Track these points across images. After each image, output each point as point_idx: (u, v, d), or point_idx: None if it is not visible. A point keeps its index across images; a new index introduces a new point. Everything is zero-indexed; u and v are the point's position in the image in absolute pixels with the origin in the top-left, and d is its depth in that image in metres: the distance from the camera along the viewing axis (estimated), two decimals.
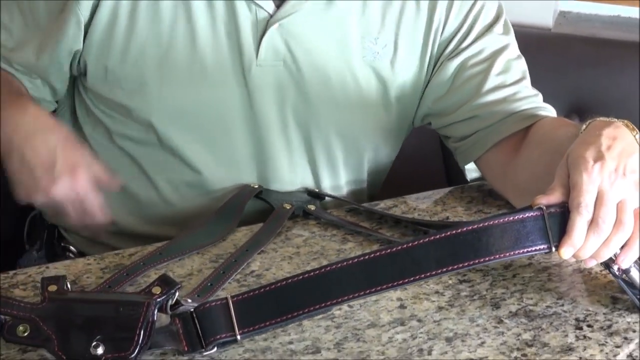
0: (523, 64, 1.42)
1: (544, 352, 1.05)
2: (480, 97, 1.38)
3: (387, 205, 1.39)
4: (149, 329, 0.98)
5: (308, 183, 1.43)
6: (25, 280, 1.17)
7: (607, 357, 1.04)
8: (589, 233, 1.05)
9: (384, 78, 1.40)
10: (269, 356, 1.03)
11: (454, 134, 1.43)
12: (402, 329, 1.08)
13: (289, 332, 1.07)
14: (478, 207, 1.39)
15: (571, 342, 1.07)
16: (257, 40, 1.33)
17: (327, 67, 1.36)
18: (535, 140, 1.33)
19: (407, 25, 1.39)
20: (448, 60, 1.40)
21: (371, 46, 1.38)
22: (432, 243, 1.00)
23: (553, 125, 1.33)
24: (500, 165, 1.37)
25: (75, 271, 1.19)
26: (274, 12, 1.33)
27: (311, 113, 1.38)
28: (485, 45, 1.40)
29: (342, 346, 1.05)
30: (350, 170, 1.46)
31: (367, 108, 1.41)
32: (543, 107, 1.38)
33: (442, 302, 1.14)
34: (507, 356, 1.04)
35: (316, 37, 1.35)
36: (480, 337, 1.07)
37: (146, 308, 0.99)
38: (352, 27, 1.37)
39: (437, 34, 1.40)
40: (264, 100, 1.36)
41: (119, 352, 0.97)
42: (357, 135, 1.43)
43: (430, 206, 1.40)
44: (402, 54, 1.40)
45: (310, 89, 1.37)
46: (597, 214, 1.05)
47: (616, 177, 1.07)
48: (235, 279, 1.18)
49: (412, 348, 1.05)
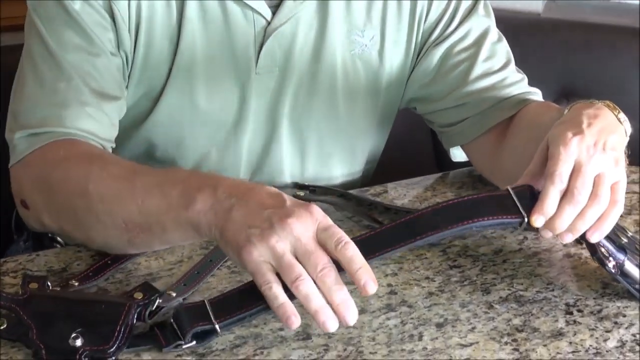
0: (505, 45, 1.42)
1: (534, 337, 1.05)
2: (468, 84, 1.38)
3: (377, 191, 1.39)
4: (127, 331, 1.00)
5: (301, 180, 1.43)
6: (15, 268, 1.17)
7: (597, 342, 1.04)
8: (563, 203, 1.05)
9: (373, 69, 1.40)
10: (260, 343, 1.03)
11: (440, 120, 1.43)
12: (393, 315, 1.09)
13: None
14: (468, 192, 1.39)
15: (561, 327, 1.07)
16: (256, 51, 1.33)
17: (318, 66, 1.37)
18: (521, 127, 1.33)
19: (392, 15, 1.39)
20: (434, 47, 1.40)
21: (358, 39, 1.38)
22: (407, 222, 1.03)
23: (537, 112, 1.33)
24: (487, 151, 1.38)
25: (65, 259, 1.19)
26: (271, 18, 1.33)
27: (303, 113, 1.39)
28: (470, 28, 1.40)
29: (333, 332, 1.05)
30: (344, 164, 1.46)
31: (358, 101, 1.41)
32: (529, 91, 1.38)
33: (433, 288, 1.14)
34: (497, 341, 1.04)
35: (307, 37, 1.35)
36: (471, 322, 1.08)
37: (127, 309, 1.01)
38: (338, 23, 1.36)
39: (421, 20, 1.39)
40: (258, 105, 1.36)
41: (97, 346, 0.98)
42: (349, 129, 1.43)
43: (421, 192, 1.40)
44: (389, 44, 1.40)
45: (302, 90, 1.37)
46: (572, 184, 1.05)
47: (595, 151, 1.07)
48: (226, 265, 1.17)
49: (402, 334, 1.05)
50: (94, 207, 1.11)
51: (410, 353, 1.02)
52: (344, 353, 1.02)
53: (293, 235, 0.97)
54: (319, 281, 0.97)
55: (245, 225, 0.99)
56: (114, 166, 1.14)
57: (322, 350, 1.02)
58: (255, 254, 0.97)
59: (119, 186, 1.10)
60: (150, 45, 1.30)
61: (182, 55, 1.31)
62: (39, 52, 1.26)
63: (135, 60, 1.31)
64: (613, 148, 1.09)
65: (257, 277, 0.98)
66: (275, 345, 1.03)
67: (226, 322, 1.00)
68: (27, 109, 1.24)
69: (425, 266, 1.19)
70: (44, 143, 1.20)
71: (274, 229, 0.97)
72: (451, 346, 1.03)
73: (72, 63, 1.25)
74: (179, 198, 1.04)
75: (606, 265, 1.09)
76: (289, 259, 0.97)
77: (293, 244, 0.97)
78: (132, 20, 1.28)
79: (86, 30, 1.26)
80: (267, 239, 0.97)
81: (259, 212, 0.99)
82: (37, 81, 1.25)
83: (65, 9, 1.25)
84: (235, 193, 1.01)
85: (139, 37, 1.29)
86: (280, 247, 0.97)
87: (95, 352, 0.97)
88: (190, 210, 1.02)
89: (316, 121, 1.40)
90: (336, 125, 1.42)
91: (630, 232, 1.17)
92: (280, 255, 0.97)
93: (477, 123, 1.38)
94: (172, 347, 1.01)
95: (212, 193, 1.02)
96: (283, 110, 1.37)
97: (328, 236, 0.98)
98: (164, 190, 1.06)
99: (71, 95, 1.23)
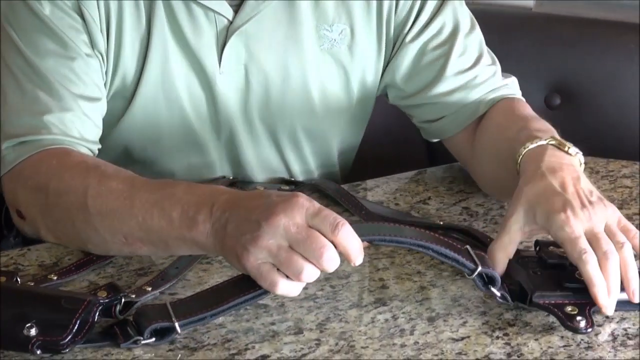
0: (477, 34, 1.42)
1: (526, 332, 1.05)
2: (440, 83, 1.39)
3: (369, 185, 1.39)
4: (87, 327, 1.00)
5: (280, 174, 1.44)
6: (6, 263, 1.17)
7: (589, 336, 1.04)
8: (605, 270, 1.06)
9: (342, 63, 1.40)
10: (252, 337, 1.03)
11: (416, 116, 1.45)
12: (384, 309, 1.09)
13: (271, 312, 1.07)
14: (460, 187, 1.39)
15: (553, 321, 1.07)
16: (219, 51, 1.33)
17: (286, 62, 1.37)
18: (487, 132, 1.34)
19: (360, 9, 1.38)
20: (409, 43, 1.40)
21: (327, 34, 1.38)
22: None
23: (500, 123, 1.33)
24: (462, 147, 1.40)
25: (57, 253, 1.19)
26: (233, 17, 1.33)
27: (275, 109, 1.39)
28: (443, 23, 1.40)
29: (325, 327, 1.05)
30: (319, 156, 1.47)
31: (329, 96, 1.41)
32: (500, 86, 1.39)
33: (424, 282, 1.14)
34: (489, 336, 1.04)
35: (274, 35, 1.35)
36: (462, 316, 1.08)
37: (86, 304, 1.00)
38: (306, 19, 1.36)
39: (390, 14, 1.39)
40: (228, 103, 1.36)
41: (50, 336, 0.98)
42: (322, 123, 1.43)
43: (412, 186, 1.40)
44: (359, 39, 1.39)
45: (272, 87, 1.37)
46: (599, 251, 1.07)
47: (586, 209, 1.09)
48: (217, 259, 1.17)
49: (394, 328, 1.05)
50: (92, 221, 1.12)
51: (402, 347, 1.02)
52: (336, 347, 1.02)
53: (283, 229, 0.98)
54: (320, 265, 0.98)
55: (239, 234, 1.00)
56: (112, 181, 1.14)
57: (313, 344, 1.02)
58: (252, 259, 0.98)
59: (117, 203, 1.11)
60: (120, 45, 1.31)
61: (153, 55, 1.31)
62: (15, 62, 1.26)
63: (108, 60, 1.31)
64: (590, 193, 1.12)
65: (261, 282, 0.99)
66: (267, 340, 1.03)
67: (186, 321, 1.01)
68: (11, 118, 1.24)
69: (417, 260, 1.19)
70: (33, 152, 1.20)
71: (263, 229, 0.98)
72: (443, 340, 1.03)
73: (50, 69, 1.25)
74: (180, 220, 1.05)
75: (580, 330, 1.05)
76: (286, 254, 0.98)
77: (286, 238, 0.98)
78: (102, 19, 1.29)
79: (59, 34, 1.26)
80: (259, 242, 0.98)
81: (248, 218, 1.00)
82: (17, 91, 1.25)
83: (36, 15, 1.26)
84: (228, 207, 1.03)
85: (110, 37, 1.30)
86: (274, 246, 0.98)
87: (48, 343, 0.98)
88: (193, 231, 1.04)
89: (290, 117, 1.40)
90: (310, 120, 1.42)
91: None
92: (276, 252, 0.98)
93: (453, 122, 1.39)
94: (130, 343, 1.01)
95: (209, 213, 1.04)
96: (254, 107, 1.38)
97: (320, 220, 0.99)
98: (164, 210, 1.07)
99: (53, 102, 1.24)
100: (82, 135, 1.24)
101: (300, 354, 1.01)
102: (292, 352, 1.01)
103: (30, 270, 1.15)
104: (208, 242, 1.04)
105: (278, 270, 0.98)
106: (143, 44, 1.31)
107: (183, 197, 1.07)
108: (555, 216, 1.09)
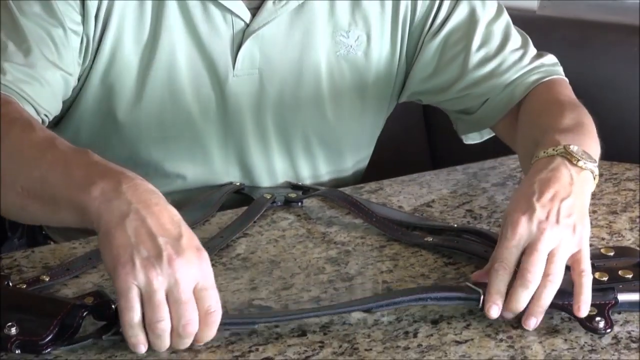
0: (504, 19, 1.43)
1: (529, 335, 1.05)
2: (466, 75, 1.39)
3: (372, 188, 1.39)
4: (70, 331, 1.00)
5: (287, 178, 1.44)
6: (10, 265, 1.17)
7: (593, 339, 1.04)
8: (516, 285, 1.05)
9: (359, 70, 1.40)
10: (255, 339, 1.03)
11: (452, 108, 1.46)
12: (388, 312, 1.08)
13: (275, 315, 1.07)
14: (463, 189, 1.39)
15: (556, 324, 1.07)
16: (234, 53, 1.33)
17: (301, 68, 1.37)
18: (521, 124, 1.34)
19: (376, 15, 1.39)
20: (430, 40, 1.41)
21: (343, 40, 1.39)
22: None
23: (532, 113, 1.33)
24: (506, 135, 1.40)
25: (60, 255, 1.19)
26: (250, 20, 1.33)
27: (288, 115, 1.39)
28: (462, 16, 1.40)
29: (328, 329, 1.05)
30: (331, 162, 1.47)
31: (344, 101, 1.41)
32: (530, 69, 1.39)
33: (428, 285, 1.14)
34: (492, 338, 1.04)
35: (289, 41, 1.36)
36: (466, 319, 1.08)
37: (69, 309, 1.00)
38: (322, 25, 1.37)
39: (406, 17, 1.40)
40: (239, 107, 1.36)
41: (30, 336, 0.98)
42: (336, 130, 1.43)
43: (416, 189, 1.40)
44: (375, 44, 1.40)
45: (286, 92, 1.37)
46: (523, 265, 1.05)
47: (547, 225, 1.06)
48: (221, 262, 1.17)
49: (397, 331, 1.05)
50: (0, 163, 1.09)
51: (406, 350, 1.02)
52: (339, 350, 1.02)
53: (175, 277, 0.96)
54: (177, 332, 0.97)
55: (134, 241, 0.96)
56: (36, 133, 1.11)
57: (317, 347, 1.02)
58: (130, 276, 0.95)
59: (31, 152, 1.08)
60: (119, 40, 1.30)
61: (160, 55, 1.31)
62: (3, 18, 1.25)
63: (101, 55, 1.30)
64: (568, 215, 1.08)
65: (123, 299, 0.96)
66: (270, 342, 1.03)
67: None
68: None
69: (421, 263, 1.19)
70: None
71: (159, 261, 0.96)
72: (446, 343, 1.03)
73: (29, 29, 1.24)
74: (80, 179, 1.01)
75: (599, 330, 1.05)
76: (160, 299, 0.96)
77: (171, 285, 0.96)
78: (102, 9, 1.28)
79: (50, 2, 1.25)
80: (149, 269, 0.95)
81: (153, 236, 0.97)
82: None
83: None
84: (138, 200, 0.99)
85: (107, 29, 1.29)
86: (157, 283, 0.95)
87: (27, 343, 0.98)
88: (85, 193, 1.00)
89: (302, 123, 1.40)
90: (323, 126, 1.42)
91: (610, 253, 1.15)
92: (154, 290, 0.95)
93: (488, 113, 1.40)
94: (111, 335, 1.00)
95: (114, 185, 0.99)
96: (267, 112, 1.38)
97: (202, 297, 0.97)
98: (69, 168, 1.04)
99: (19, 54, 1.23)
100: (35, 97, 1.22)
101: (304, 357, 1.01)
102: (295, 355, 1.01)
103: (33, 272, 1.15)
104: (93, 208, 0.98)
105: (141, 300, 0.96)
106: (148, 43, 1.31)
107: (94, 164, 1.04)
108: (511, 215, 1.08)
